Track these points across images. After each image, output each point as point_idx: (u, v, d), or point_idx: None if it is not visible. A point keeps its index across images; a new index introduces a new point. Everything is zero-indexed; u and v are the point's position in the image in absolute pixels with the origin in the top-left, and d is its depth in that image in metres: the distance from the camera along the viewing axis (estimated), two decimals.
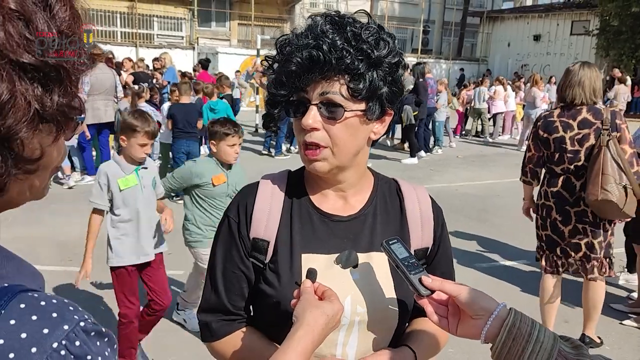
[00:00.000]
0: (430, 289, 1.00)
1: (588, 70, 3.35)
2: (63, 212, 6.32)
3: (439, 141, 11.92)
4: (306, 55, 1.00)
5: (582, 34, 22.14)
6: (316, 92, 1.03)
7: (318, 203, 1.17)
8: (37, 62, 0.55)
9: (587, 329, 3.68)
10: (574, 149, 3.36)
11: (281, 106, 1.08)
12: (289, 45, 1.05)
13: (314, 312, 0.94)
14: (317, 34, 1.02)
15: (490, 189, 8.42)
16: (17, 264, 0.64)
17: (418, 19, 25.43)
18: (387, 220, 1.19)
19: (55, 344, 0.53)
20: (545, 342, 0.90)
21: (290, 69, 1.02)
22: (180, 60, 16.51)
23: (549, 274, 3.59)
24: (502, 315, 0.94)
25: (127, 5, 19.29)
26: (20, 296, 0.55)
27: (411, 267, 1.03)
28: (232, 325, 1.18)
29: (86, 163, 7.69)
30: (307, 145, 1.06)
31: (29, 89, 0.55)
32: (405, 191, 1.24)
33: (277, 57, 1.07)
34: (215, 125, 3.48)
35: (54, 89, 0.58)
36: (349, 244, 1.14)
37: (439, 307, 1.02)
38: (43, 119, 0.58)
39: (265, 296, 1.13)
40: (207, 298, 1.19)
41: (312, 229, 1.15)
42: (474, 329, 0.96)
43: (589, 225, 3.38)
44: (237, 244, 1.15)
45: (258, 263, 1.15)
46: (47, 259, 4.90)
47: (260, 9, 21.07)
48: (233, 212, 1.18)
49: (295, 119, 1.07)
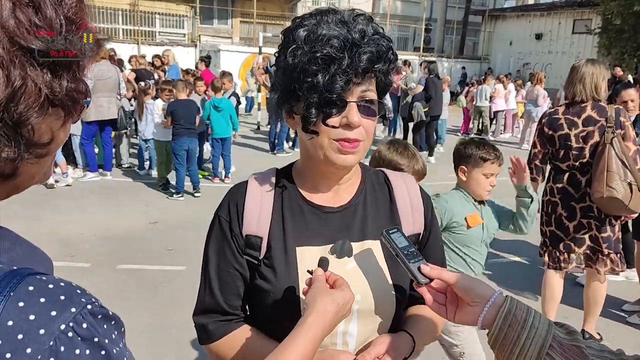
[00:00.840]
0: (429, 277, 1.03)
1: (591, 67, 3.35)
2: (64, 209, 6.33)
3: (441, 139, 11.89)
4: (367, 56, 1.01)
5: (584, 33, 22.08)
6: (356, 91, 1.05)
7: (308, 196, 1.18)
8: (47, 49, 0.56)
9: (587, 324, 3.69)
10: (579, 146, 3.37)
11: (316, 106, 1.04)
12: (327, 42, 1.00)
13: (325, 300, 0.96)
14: (362, 32, 1.02)
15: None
16: (27, 247, 0.65)
17: (420, 18, 25.39)
18: (377, 208, 1.22)
19: (63, 326, 0.54)
20: (540, 327, 0.92)
21: (341, 68, 1.00)
22: (182, 57, 16.49)
23: (551, 269, 3.61)
24: (499, 302, 0.96)
25: (129, 3, 19.28)
26: (28, 279, 0.56)
27: (410, 256, 1.05)
28: (229, 325, 1.17)
29: (88, 160, 7.69)
30: (347, 140, 1.06)
31: (39, 74, 0.56)
32: (393, 180, 1.27)
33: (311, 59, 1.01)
34: (469, 147, 2.68)
35: (63, 74, 0.59)
36: (342, 234, 1.16)
37: (437, 295, 1.05)
38: (52, 104, 0.59)
39: (261, 291, 1.13)
40: (202, 300, 1.18)
41: (304, 222, 1.16)
42: (471, 316, 0.99)
43: (594, 220, 3.41)
44: (230, 243, 1.15)
45: (252, 260, 1.15)
46: (49, 254, 4.85)
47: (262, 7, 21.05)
48: (224, 210, 1.18)
49: (330, 117, 1.05)
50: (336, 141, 1.06)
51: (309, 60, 1.01)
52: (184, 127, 6.78)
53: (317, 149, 1.09)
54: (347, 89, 1.03)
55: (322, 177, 1.17)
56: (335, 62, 1.00)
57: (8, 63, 0.54)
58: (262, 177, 1.21)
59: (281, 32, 1.11)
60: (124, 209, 6.50)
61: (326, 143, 1.07)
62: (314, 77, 1.01)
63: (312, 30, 1.02)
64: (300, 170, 1.21)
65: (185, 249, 5.18)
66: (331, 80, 1.00)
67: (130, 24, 19.39)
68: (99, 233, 5.56)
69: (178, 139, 6.78)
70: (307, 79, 1.01)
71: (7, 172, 0.58)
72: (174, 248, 5.21)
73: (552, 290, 3.63)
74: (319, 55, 1.00)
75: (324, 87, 1.01)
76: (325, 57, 1.00)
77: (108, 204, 6.66)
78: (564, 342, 0.91)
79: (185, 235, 5.57)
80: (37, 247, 0.67)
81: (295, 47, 1.03)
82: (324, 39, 1.00)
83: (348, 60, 1.00)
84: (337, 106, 1.04)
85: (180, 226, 5.87)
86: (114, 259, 4.89)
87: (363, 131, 1.07)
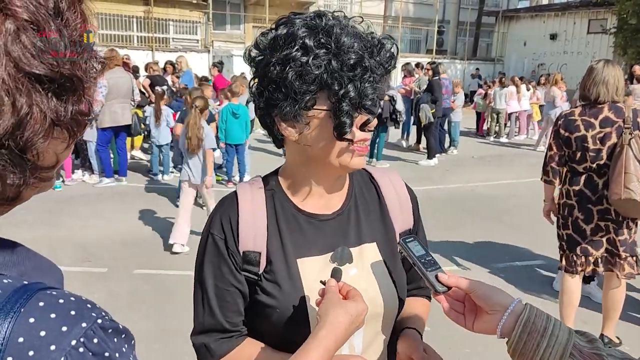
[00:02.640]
0: (446, 285, 1.02)
1: (612, 69, 3.32)
2: (81, 215, 6.40)
3: (455, 142, 11.83)
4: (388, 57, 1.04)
5: (600, 33, 21.82)
6: None
7: (301, 204, 1.16)
8: (52, 74, 0.55)
9: (606, 328, 3.64)
10: (596, 147, 3.33)
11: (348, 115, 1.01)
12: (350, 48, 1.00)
13: (338, 312, 0.95)
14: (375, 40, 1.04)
15: (507, 190, 8.34)
16: (36, 260, 0.65)
17: (432, 20, 25.30)
18: (368, 209, 1.21)
19: (74, 342, 0.54)
20: (560, 336, 0.91)
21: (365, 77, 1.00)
22: (195, 63, 16.62)
23: (568, 273, 3.56)
24: (518, 311, 0.95)
25: (144, 10, 19.49)
26: (39, 294, 0.56)
27: (427, 265, 1.05)
28: (232, 342, 1.14)
29: (104, 166, 7.78)
30: (362, 142, 1.07)
31: (44, 100, 0.55)
32: (378, 178, 1.26)
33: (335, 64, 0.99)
34: None
35: (68, 98, 0.58)
36: (339, 241, 1.15)
37: (455, 304, 1.03)
38: (57, 128, 0.58)
39: (265, 307, 1.11)
40: (202, 321, 1.15)
41: (301, 233, 1.14)
42: (490, 324, 0.97)
43: (612, 223, 3.36)
44: (227, 260, 1.11)
45: (251, 275, 1.12)
46: (66, 259, 4.97)
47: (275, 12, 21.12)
48: (216, 228, 1.13)
49: (369, 123, 1.07)
50: (354, 144, 1.06)
51: (342, 67, 0.99)
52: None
53: (333, 156, 1.07)
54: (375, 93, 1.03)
55: (320, 184, 1.15)
56: (362, 66, 0.99)
57: (14, 90, 0.53)
58: (251, 188, 1.17)
59: (270, 39, 1.05)
60: (140, 214, 6.56)
61: (345, 148, 1.06)
62: (347, 85, 0.99)
63: (321, 36, 0.99)
64: (291, 178, 1.18)
65: None
66: (363, 86, 1.00)
67: (144, 30, 19.59)
68: (115, 238, 5.61)
69: None
70: (337, 87, 0.99)
71: (12, 196, 0.58)
72: (189, 252, 5.24)
73: (569, 295, 3.58)
74: (352, 62, 0.99)
75: (359, 94, 1.00)
76: (355, 63, 0.99)
77: (124, 209, 6.72)
78: (585, 351, 0.90)
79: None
80: (46, 258, 0.67)
81: (315, 55, 0.99)
82: (348, 45, 0.99)
83: (372, 63, 1.01)
84: (370, 113, 1.04)
85: (196, 231, 5.90)
86: (131, 264, 4.93)
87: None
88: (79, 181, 7.93)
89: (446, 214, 6.79)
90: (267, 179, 1.20)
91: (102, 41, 17.90)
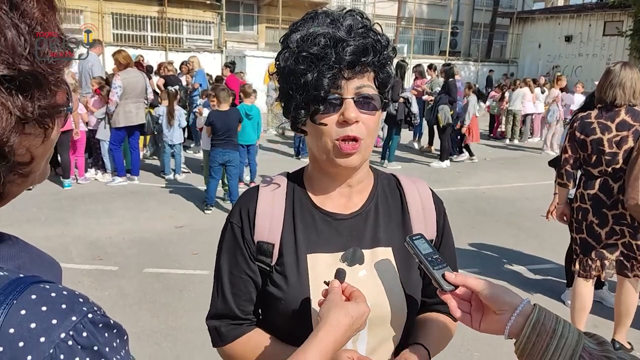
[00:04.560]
0: (453, 284, 1.00)
1: (630, 72, 3.28)
2: (94, 213, 6.45)
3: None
4: (352, 49, 1.01)
5: (615, 35, 21.59)
6: (351, 87, 1.04)
7: (320, 203, 1.17)
8: (11, 72, 0.55)
9: (618, 333, 3.59)
10: (612, 151, 3.29)
11: (316, 104, 1.04)
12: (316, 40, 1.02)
13: (339, 313, 0.94)
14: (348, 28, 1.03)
15: (519, 192, 8.27)
16: (34, 254, 0.66)
17: (446, 21, 25.18)
18: (389, 215, 1.20)
19: (63, 335, 0.55)
20: (569, 338, 0.89)
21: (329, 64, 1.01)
22: (208, 63, 16.68)
23: (582, 278, 3.51)
24: (527, 311, 0.94)
25: (157, 10, 19.62)
26: (32, 287, 0.57)
27: (434, 263, 1.03)
28: (242, 329, 1.18)
29: (116, 165, 7.82)
30: (345, 140, 1.05)
31: (8, 98, 0.55)
32: (405, 185, 1.25)
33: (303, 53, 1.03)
34: None
35: (34, 94, 0.57)
36: (353, 242, 1.15)
37: (462, 303, 1.02)
38: (28, 124, 0.58)
39: (273, 298, 1.13)
40: (215, 305, 1.19)
41: (315, 229, 1.15)
42: (497, 325, 0.96)
43: (627, 227, 3.31)
44: (242, 249, 1.15)
45: (264, 266, 1.15)
46: (78, 257, 5.01)
47: (288, 12, 21.16)
48: (235, 217, 1.18)
49: (328, 116, 1.05)
50: (337, 141, 1.05)
51: (296, 60, 1.03)
52: (221, 139, 6.48)
53: (321, 151, 1.09)
54: (337, 85, 1.03)
55: (332, 181, 1.16)
56: (322, 59, 1.01)
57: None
58: (274, 183, 1.21)
59: (279, 40, 1.11)
60: (151, 213, 6.60)
61: (329, 145, 1.07)
62: (303, 77, 1.02)
63: (303, 33, 1.04)
64: (310, 176, 1.21)
65: (211, 253, 5.18)
66: (318, 77, 1.01)
67: (158, 30, 19.72)
68: (127, 237, 5.65)
69: (214, 150, 6.53)
70: (296, 80, 1.04)
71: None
72: (199, 252, 5.26)
73: (582, 300, 3.53)
74: (304, 54, 1.02)
75: (312, 85, 1.02)
76: (310, 56, 1.01)
77: (136, 208, 6.77)
78: (594, 353, 0.88)
79: (211, 239, 5.58)
80: (44, 252, 0.68)
81: (286, 51, 1.05)
82: (310, 39, 1.02)
83: (334, 56, 1.01)
84: (329, 104, 1.04)
85: (206, 230, 5.92)
86: (141, 263, 4.96)
87: (363, 127, 1.06)
88: (92, 180, 7.99)
89: (457, 216, 6.74)
90: (292, 176, 1.23)
91: (116, 41, 18.06)
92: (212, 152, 6.57)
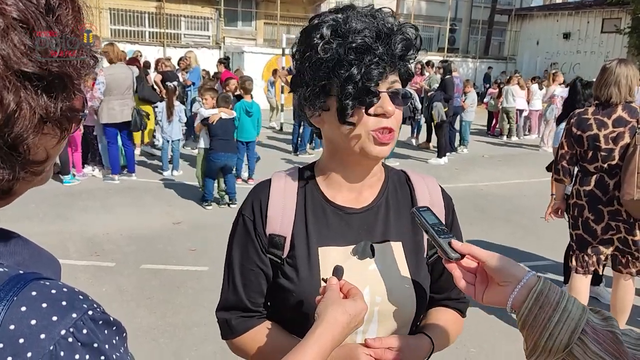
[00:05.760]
0: (459, 252, 0.99)
1: (625, 69, 3.28)
2: (91, 209, 6.45)
3: (465, 140, 11.76)
4: (401, 45, 1.05)
5: (614, 32, 21.59)
6: (387, 81, 1.07)
7: (331, 196, 1.19)
8: (41, 72, 0.56)
9: None
10: (608, 147, 3.30)
11: (354, 97, 1.05)
12: (358, 37, 1.03)
13: (336, 311, 0.94)
14: (390, 26, 1.06)
15: (517, 189, 8.28)
16: (34, 251, 0.66)
17: (445, 17, 25.15)
18: (399, 210, 1.21)
19: (63, 331, 0.55)
20: (573, 311, 0.88)
21: (373, 60, 1.03)
22: (206, 59, 16.62)
23: (579, 274, 3.53)
24: (531, 283, 0.92)
25: (155, 6, 19.57)
26: (32, 284, 0.57)
27: (441, 232, 1.03)
28: (252, 321, 1.19)
29: (111, 162, 7.72)
30: (382, 131, 1.07)
31: (34, 97, 0.56)
32: (414, 181, 1.26)
33: (347, 51, 1.03)
34: None
35: (58, 95, 0.59)
36: (364, 235, 1.16)
37: (466, 274, 1.01)
38: (47, 124, 0.59)
39: (284, 290, 1.14)
40: (226, 297, 1.20)
41: (327, 223, 1.16)
42: (501, 296, 0.95)
43: (623, 223, 3.32)
44: (254, 241, 1.16)
45: (275, 259, 1.16)
46: (75, 253, 5.01)
47: (286, 8, 21.12)
48: (247, 210, 1.19)
49: (363, 108, 1.06)
50: (373, 132, 1.07)
51: (346, 51, 1.02)
52: (221, 140, 6.48)
53: (353, 142, 1.09)
54: (383, 78, 1.05)
55: (348, 175, 1.17)
56: (371, 51, 1.02)
57: (1, 88, 0.54)
58: (285, 176, 1.22)
59: (300, 32, 1.12)
60: (149, 209, 6.59)
61: (364, 135, 1.08)
62: (350, 68, 1.02)
63: (340, 25, 1.05)
64: (323, 170, 1.21)
65: (208, 249, 5.22)
66: (368, 69, 1.02)
67: (156, 26, 19.66)
68: (124, 233, 5.65)
69: (214, 154, 6.50)
70: (342, 71, 1.03)
71: (4, 189, 0.60)
72: (196, 248, 5.26)
73: (578, 296, 3.52)
74: (355, 45, 1.02)
75: (362, 77, 1.02)
76: (361, 47, 1.02)
77: (133, 204, 6.76)
78: (598, 328, 0.87)
79: (208, 235, 5.61)
80: (44, 249, 0.69)
81: (326, 42, 1.04)
82: (356, 31, 1.03)
83: (382, 49, 1.03)
84: (374, 96, 1.05)
85: (203, 227, 5.93)
86: (139, 259, 4.96)
87: (395, 120, 1.09)
88: (89, 176, 7.98)
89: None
90: (304, 170, 1.24)
91: (114, 36, 18.00)
92: (212, 155, 6.54)
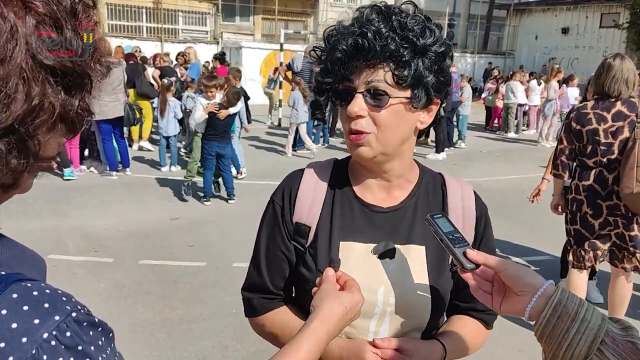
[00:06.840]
0: (475, 262, 0.98)
1: (629, 63, 3.31)
2: (89, 205, 6.43)
3: (463, 135, 11.76)
4: (351, 42, 1.02)
5: (612, 27, 21.60)
6: (361, 80, 1.04)
7: (360, 193, 1.18)
8: (66, 68, 0.57)
9: None
10: (608, 141, 3.30)
11: (327, 94, 1.10)
12: (335, 34, 1.07)
13: (332, 303, 0.94)
14: (362, 23, 1.04)
15: (515, 184, 8.28)
16: (17, 250, 0.65)
17: (443, 12, 25.06)
18: (427, 213, 1.18)
19: (46, 335, 0.54)
20: (592, 321, 0.86)
21: (336, 56, 1.04)
22: (204, 54, 16.57)
23: (576, 269, 3.53)
24: (549, 293, 0.90)
25: (153, 1, 19.50)
26: (13, 286, 0.55)
27: (455, 241, 1.00)
28: (272, 304, 1.23)
29: (107, 158, 7.69)
30: (352, 132, 1.07)
31: (55, 93, 0.58)
32: (449, 186, 1.23)
33: (324, 47, 1.10)
34: None
35: (76, 94, 0.60)
36: (386, 235, 1.15)
37: (483, 284, 0.99)
38: (62, 122, 0.60)
39: (304, 279, 1.16)
40: (251, 277, 1.24)
41: (352, 218, 1.17)
42: (518, 306, 0.93)
43: (621, 218, 3.32)
44: (281, 227, 1.19)
45: (299, 246, 1.18)
46: (73, 249, 5.00)
47: (284, 4, 21.07)
48: (278, 196, 1.22)
49: (341, 107, 1.08)
50: (347, 133, 1.09)
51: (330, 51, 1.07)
52: (219, 135, 6.52)
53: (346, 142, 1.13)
54: (352, 75, 1.04)
55: (367, 172, 1.17)
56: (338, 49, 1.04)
57: (30, 79, 0.54)
58: (319, 168, 1.23)
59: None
60: (147, 205, 6.58)
61: (345, 135, 1.11)
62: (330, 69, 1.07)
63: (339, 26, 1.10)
64: (352, 165, 1.22)
65: (206, 245, 5.22)
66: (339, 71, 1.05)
67: (153, 21, 19.60)
68: (122, 228, 5.64)
69: (208, 143, 6.54)
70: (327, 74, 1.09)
71: (9, 182, 0.59)
72: (195, 244, 5.25)
73: (575, 291, 3.55)
74: (337, 46, 1.05)
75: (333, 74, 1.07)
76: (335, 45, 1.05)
77: (131, 200, 6.75)
78: (618, 338, 0.85)
79: (206, 231, 5.61)
80: (28, 247, 0.68)
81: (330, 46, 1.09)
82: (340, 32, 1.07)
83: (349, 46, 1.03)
84: (341, 94, 1.07)
85: (201, 222, 5.92)
86: (137, 254, 4.95)
87: (370, 122, 1.06)
88: (87, 172, 7.96)
89: None
90: (339, 163, 1.25)
91: (111, 32, 17.94)
92: (208, 145, 6.55)
